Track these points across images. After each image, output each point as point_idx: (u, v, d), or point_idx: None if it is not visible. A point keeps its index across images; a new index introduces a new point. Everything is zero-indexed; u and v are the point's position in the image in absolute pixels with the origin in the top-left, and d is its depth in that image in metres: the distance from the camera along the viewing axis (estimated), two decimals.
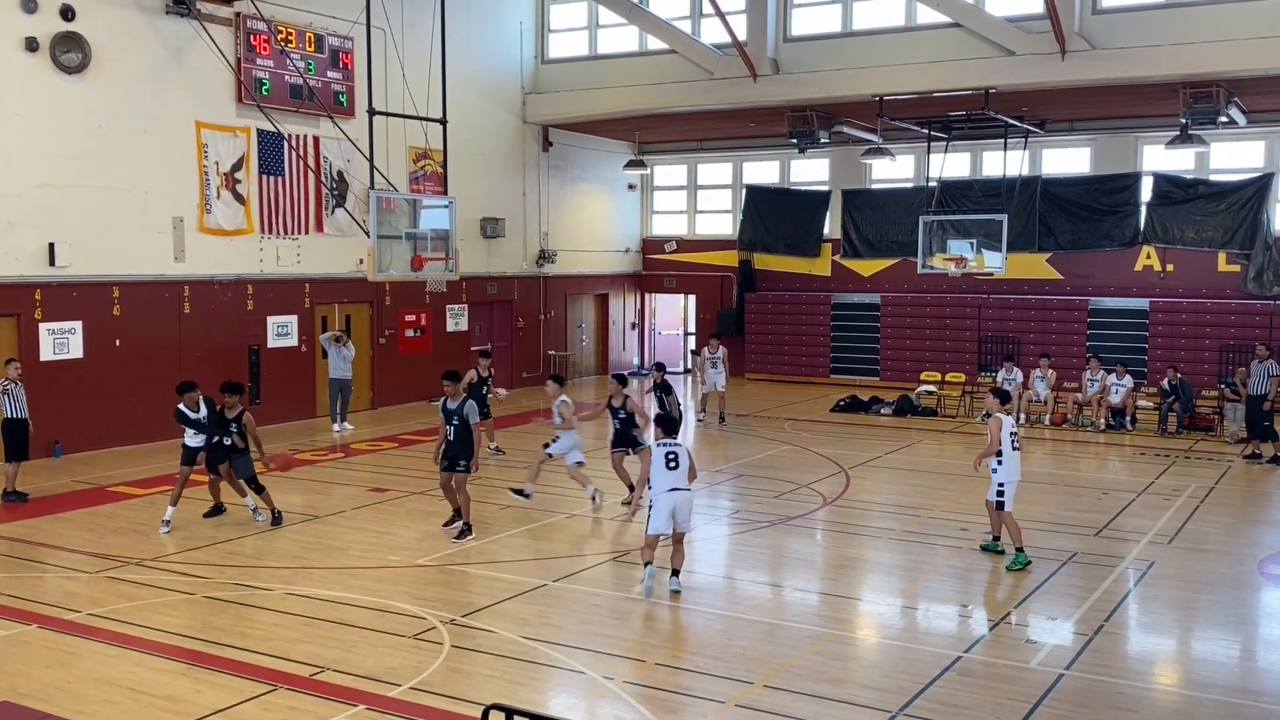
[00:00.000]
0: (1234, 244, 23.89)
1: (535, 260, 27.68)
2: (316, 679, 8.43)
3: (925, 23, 22.68)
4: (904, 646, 9.38)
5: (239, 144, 19.95)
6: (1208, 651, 9.50)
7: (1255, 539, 12.98)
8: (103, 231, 17.97)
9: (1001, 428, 11.74)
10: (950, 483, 16.06)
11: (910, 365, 26.54)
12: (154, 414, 18.85)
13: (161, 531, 12.81)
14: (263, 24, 19.83)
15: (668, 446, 10.69)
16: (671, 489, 10.50)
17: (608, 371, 30.59)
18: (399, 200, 16.02)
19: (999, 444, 11.68)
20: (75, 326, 17.72)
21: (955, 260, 23.32)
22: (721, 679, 8.48)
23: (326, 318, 21.93)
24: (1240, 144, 24.38)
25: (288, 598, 10.46)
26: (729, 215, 30.57)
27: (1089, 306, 25.41)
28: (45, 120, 17.17)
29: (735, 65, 23.59)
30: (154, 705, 7.92)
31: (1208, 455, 18.26)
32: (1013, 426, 11.95)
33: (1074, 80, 20.79)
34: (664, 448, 10.67)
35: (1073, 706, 7.98)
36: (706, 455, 18.30)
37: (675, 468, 10.57)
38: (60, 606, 10.16)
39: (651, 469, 10.63)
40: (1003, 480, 11.74)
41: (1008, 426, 11.83)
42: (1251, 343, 20.92)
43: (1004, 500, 11.75)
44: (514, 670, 8.66)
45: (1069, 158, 26.37)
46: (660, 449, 10.68)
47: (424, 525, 13.37)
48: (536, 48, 27.11)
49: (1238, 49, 19.31)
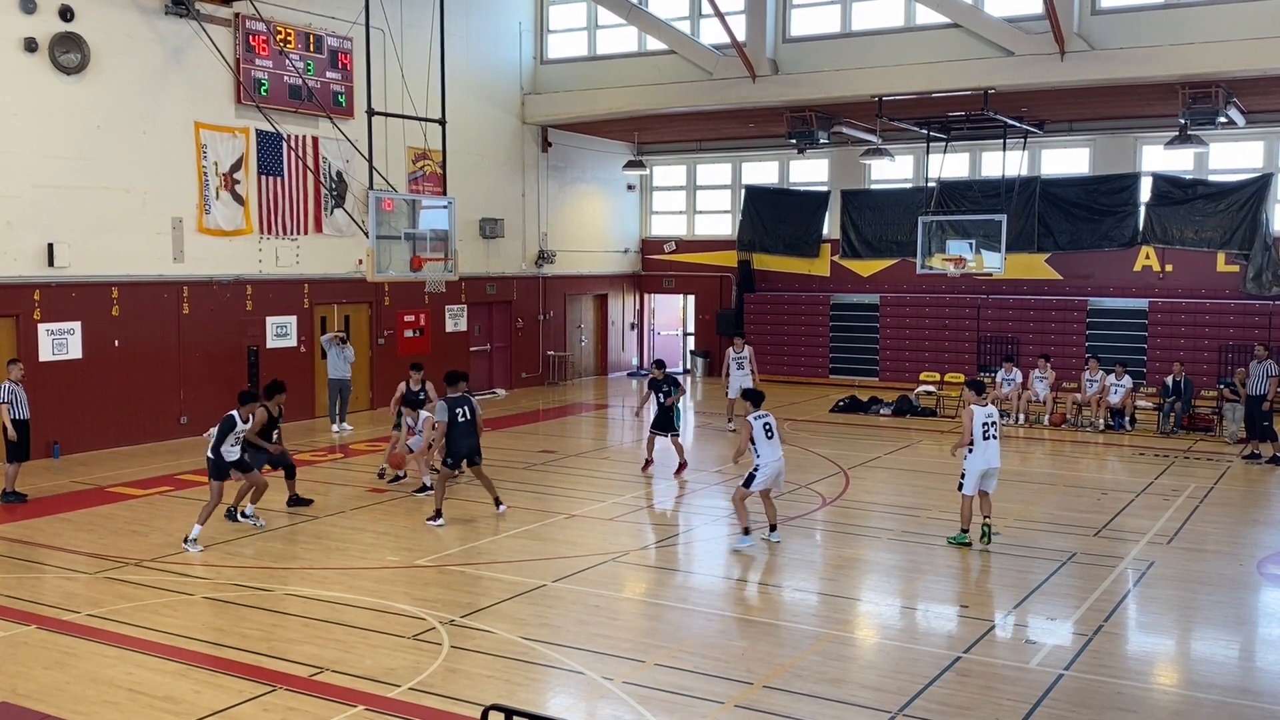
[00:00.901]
0: (1233, 244, 23.91)
1: (534, 261, 27.68)
2: (315, 679, 8.42)
3: (924, 23, 22.69)
4: (903, 647, 9.38)
5: (238, 144, 19.95)
6: (1207, 652, 9.50)
7: (1254, 539, 12.98)
8: (102, 232, 17.96)
9: (974, 418, 12.25)
10: (949, 483, 16.01)
11: (909, 366, 26.55)
12: (153, 415, 18.90)
13: (193, 551, 12.11)
14: (261, 24, 19.82)
15: (763, 418, 12.29)
16: (777, 457, 12.28)
17: (606, 372, 30.63)
18: (398, 201, 15.99)
19: (970, 434, 12.23)
20: (74, 327, 17.71)
21: (954, 261, 23.32)
22: (721, 679, 8.47)
23: (325, 318, 21.93)
24: (1239, 144, 24.39)
25: (286, 598, 10.45)
26: (728, 216, 30.58)
27: (1088, 307, 25.42)
28: (44, 121, 17.16)
29: (734, 66, 23.59)
30: (153, 706, 7.91)
31: (1207, 455, 18.27)
32: (987, 416, 12.33)
33: (1073, 81, 20.79)
34: (760, 419, 12.26)
35: (1072, 707, 7.98)
36: (706, 455, 18.31)
37: (772, 436, 12.27)
38: (59, 607, 10.15)
39: (755, 438, 12.14)
40: (966, 468, 12.37)
41: (980, 417, 12.26)
42: (1250, 343, 20.93)
43: (963, 483, 12.43)
44: (513, 671, 8.66)
45: (1068, 158, 26.38)
46: (758, 421, 12.25)
47: (423, 526, 13.36)
48: (536, 48, 27.11)
49: (1237, 49, 19.32)
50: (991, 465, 12.32)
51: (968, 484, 12.36)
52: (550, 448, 18.65)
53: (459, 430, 13.25)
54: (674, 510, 14.80)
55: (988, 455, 12.26)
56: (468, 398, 13.59)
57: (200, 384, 19.58)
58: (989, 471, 12.33)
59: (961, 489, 12.45)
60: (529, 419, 22.10)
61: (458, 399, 13.42)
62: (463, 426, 13.29)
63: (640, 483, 16.24)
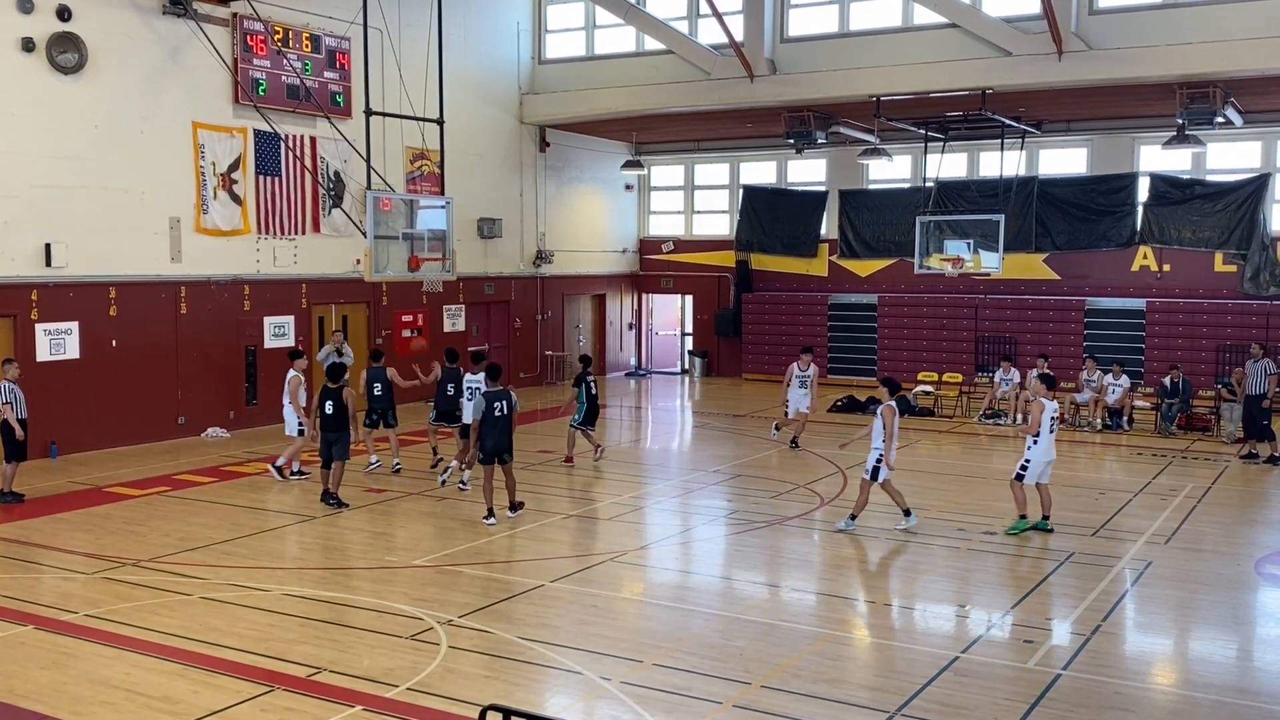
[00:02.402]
0: (1230, 244, 23.93)
1: (532, 260, 27.67)
2: (313, 680, 8.41)
3: (922, 23, 22.70)
4: (901, 647, 9.38)
5: (236, 144, 19.93)
6: (1205, 651, 9.51)
7: (1252, 539, 12.99)
8: (99, 232, 17.94)
9: (1044, 411, 12.80)
10: (947, 483, 16.07)
11: (907, 365, 26.53)
12: (151, 415, 18.88)
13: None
14: (259, 24, 19.80)
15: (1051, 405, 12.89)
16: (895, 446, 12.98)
17: (605, 372, 30.60)
18: (396, 200, 16.00)
19: (1039, 426, 12.76)
20: (72, 327, 17.69)
21: (952, 260, 23.33)
22: (719, 679, 8.47)
23: (323, 318, 21.91)
24: (1237, 144, 24.41)
25: (284, 598, 10.44)
26: (726, 216, 30.58)
27: (1086, 307, 25.44)
28: (42, 121, 17.15)
29: (732, 66, 23.59)
30: (150, 706, 7.90)
31: (1204, 455, 18.27)
32: (1054, 412, 12.97)
33: (1071, 81, 20.80)
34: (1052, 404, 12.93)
35: (1070, 707, 7.98)
36: (706, 455, 18.30)
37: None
38: (57, 607, 10.14)
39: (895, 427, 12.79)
40: (1029, 459, 12.86)
41: (1049, 411, 12.84)
42: (1248, 343, 20.94)
43: (1024, 474, 12.89)
44: (511, 671, 8.66)
45: (1066, 158, 26.40)
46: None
47: (421, 526, 13.36)
48: (534, 48, 27.10)
49: (1234, 49, 19.34)
50: (1051, 457, 12.96)
51: (1030, 474, 12.88)
52: (548, 448, 18.64)
53: (492, 426, 13.02)
54: (672, 510, 14.80)
55: (1049, 448, 12.87)
56: (507, 393, 13.32)
57: (198, 384, 19.57)
58: (1049, 463, 12.97)
59: (1021, 479, 12.91)
60: (527, 419, 22.06)
61: (496, 393, 13.19)
62: (498, 423, 13.04)
63: (639, 483, 16.24)
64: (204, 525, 13.25)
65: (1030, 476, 12.89)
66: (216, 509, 14.11)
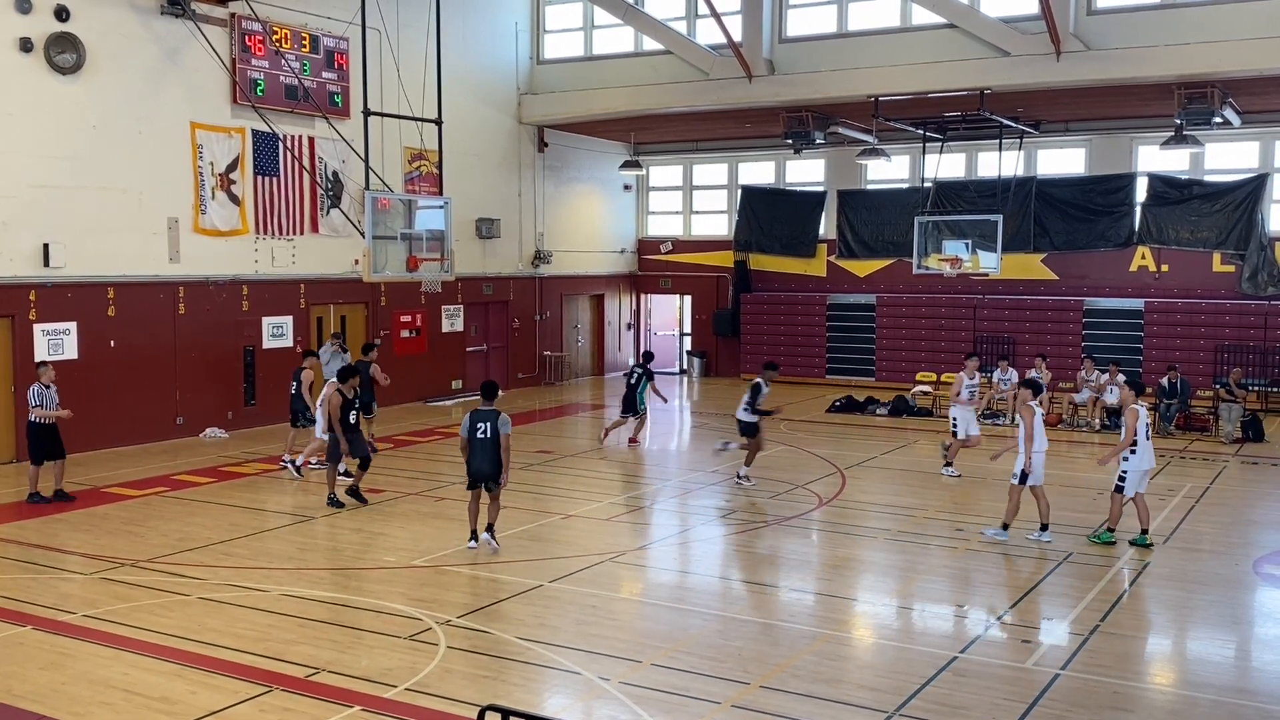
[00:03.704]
0: (1229, 244, 23.95)
1: (531, 261, 27.66)
2: (312, 680, 8.41)
3: (920, 23, 22.71)
4: (900, 647, 9.38)
5: (234, 144, 19.92)
6: (1203, 651, 9.52)
7: (1250, 539, 13.00)
8: (97, 232, 17.93)
9: (1137, 418, 12.19)
10: (947, 483, 16.07)
11: (906, 366, 26.56)
12: (149, 415, 18.87)
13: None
14: (257, 24, 19.79)
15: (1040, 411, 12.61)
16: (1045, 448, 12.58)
17: (603, 372, 30.60)
18: (394, 201, 15.99)
19: (1134, 434, 12.14)
20: (70, 327, 17.67)
21: (950, 261, 23.32)
22: (718, 679, 8.47)
23: (322, 318, 21.89)
24: (1235, 144, 24.42)
25: (283, 599, 10.44)
26: (724, 216, 30.58)
27: (1084, 307, 25.45)
28: (40, 121, 17.13)
29: (731, 66, 23.59)
30: (148, 707, 7.90)
31: (1203, 455, 18.29)
32: (1147, 417, 12.44)
33: (1069, 81, 20.81)
34: (1040, 410, 12.65)
35: (1069, 706, 7.98)
36: (706, 455, 18.30)
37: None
38: (55, 608, 10.13)
39: (1036, 428, 12.29)
40: (1128, 469, 12.26)
41: (1143, 417, 12.30)
42: (1247, 343, 20.94)
43: (1123, 485, 12.33)
44: (510, 671, 8.65)
45: (1064, 158, 26.41)
46: (1039, 411, 12.52)
47: (420, 526, 13.36)
48: (532, 48, 27.09)
49: (1232, 49, 19.34)
50: (1150, 465, 12.42)
51: (1129, 486, 12.30)
52: (547, 448, 18.64)
53: (475, 449, 11.83)
54: (671, 510, 14.80)
55: (1148, 455, 12.29)
56: (496, 414, 11.85)
57: (196, 384, 19.56)
58: (1147, 472, 12.43)
59: (1121, 491, 12.34)
60: (525, 419, 22.07)
61: (483, 413, 11.87)
62: (480, 444, 11.80)
63: (638, 483, 16.24)
64: (202, 525, 13.24)
65: (1130, 488, 12.30)
66: (215, 509, 14.10)
